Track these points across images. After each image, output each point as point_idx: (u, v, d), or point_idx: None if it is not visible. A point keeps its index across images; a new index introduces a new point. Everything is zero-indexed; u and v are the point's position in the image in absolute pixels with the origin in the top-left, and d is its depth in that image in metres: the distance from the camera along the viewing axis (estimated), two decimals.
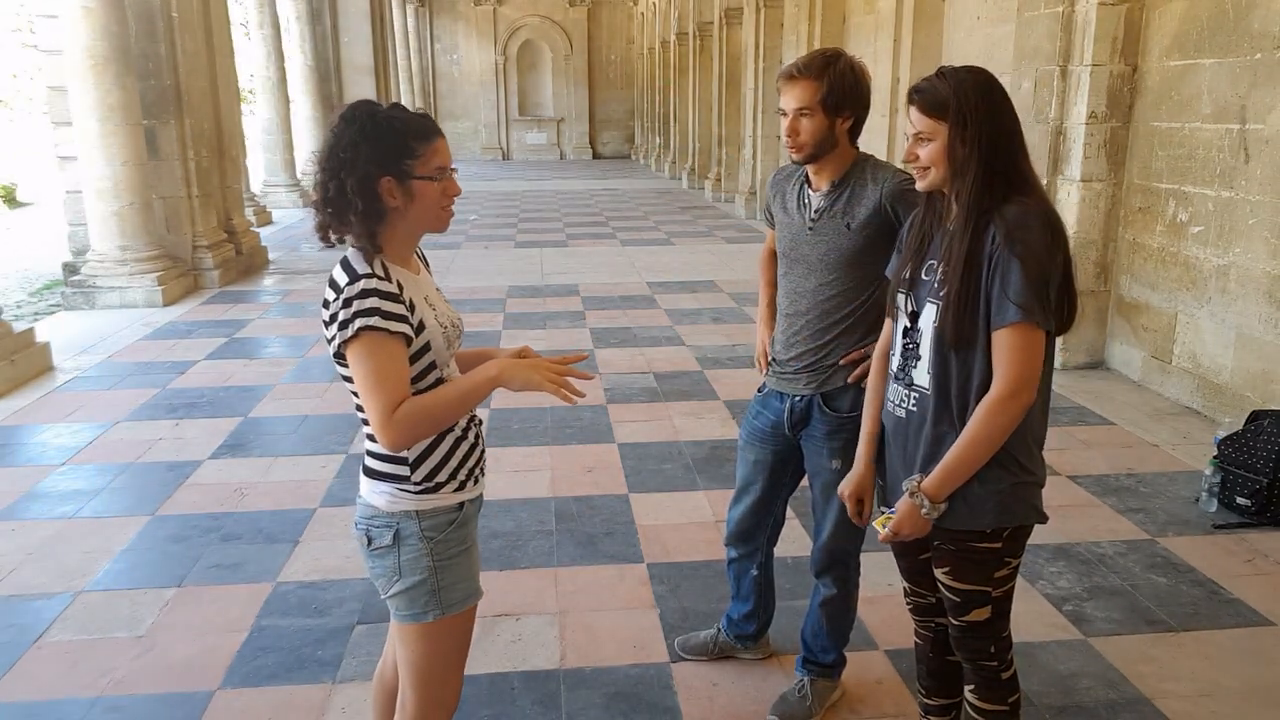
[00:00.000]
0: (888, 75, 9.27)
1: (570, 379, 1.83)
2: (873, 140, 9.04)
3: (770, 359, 2.68)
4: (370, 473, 1.92)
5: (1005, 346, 1.84)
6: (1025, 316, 1.81)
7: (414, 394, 1.84)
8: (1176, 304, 5.62)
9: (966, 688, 2.19)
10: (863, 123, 2.42)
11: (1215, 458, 4.20)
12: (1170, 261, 5.66)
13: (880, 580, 3.42)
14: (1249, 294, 5.04)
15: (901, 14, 9.17)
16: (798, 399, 2.56)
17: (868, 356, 2.47)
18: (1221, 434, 4.35)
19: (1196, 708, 2.78)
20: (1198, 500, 4.19)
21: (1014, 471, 1.96)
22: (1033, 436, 1.99)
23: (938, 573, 2.09)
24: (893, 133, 9.34)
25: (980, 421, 1.88)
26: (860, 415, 2.50)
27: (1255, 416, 4.29)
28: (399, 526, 1.88)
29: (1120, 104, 5.90)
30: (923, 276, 2.00)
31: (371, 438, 1.90)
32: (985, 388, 1.89)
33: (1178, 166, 5.55)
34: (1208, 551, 3.76)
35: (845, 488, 2.22)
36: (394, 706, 2.11)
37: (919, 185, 1.99)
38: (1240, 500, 4.06)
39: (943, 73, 1.92)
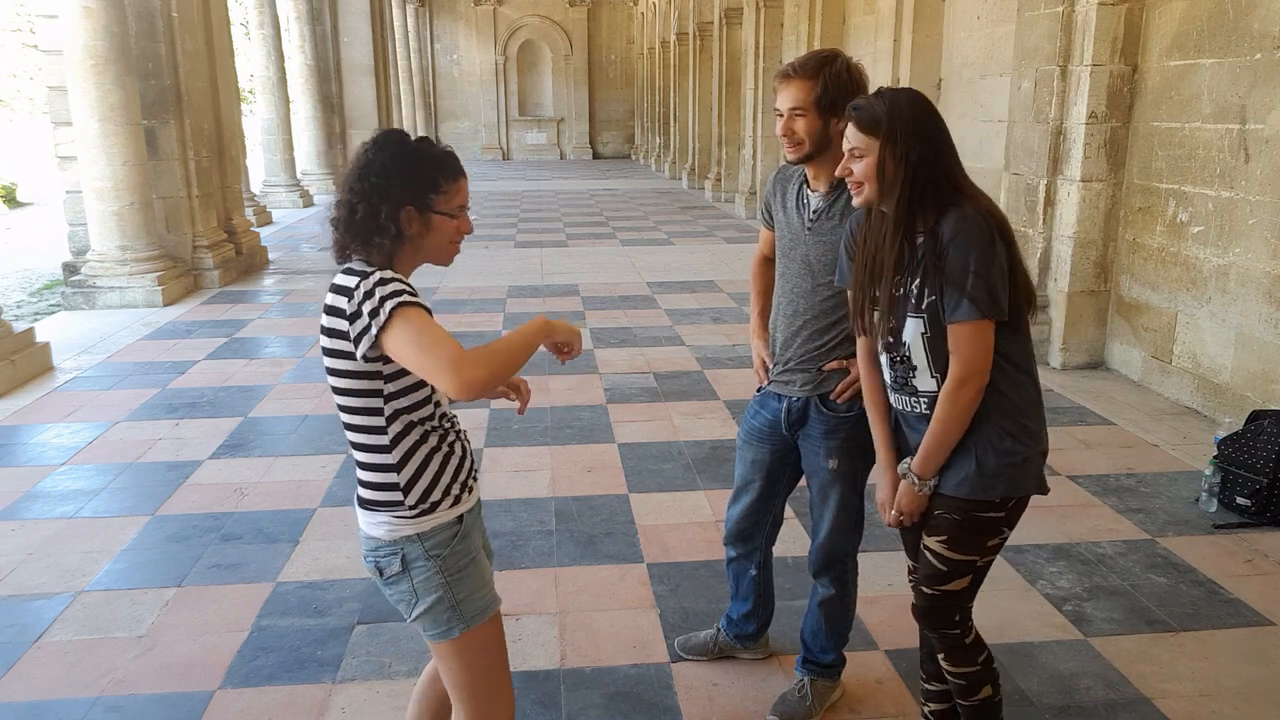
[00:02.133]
0: (888, 75, 9.27)
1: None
2: None
3: (771, 361, 2.68)
4: (364, 504, 1.92)
5: (957, 338, 1.98)
6: (975, 312, 1.94)
7: (410, 403, 1.86)
8: (1176, 304, 5.62)
9: (938, 656, 2.27)
10: None
11: (1215, 458, 4.20)
12: (1170, 261, 5.66)
13: (880, 580, 3.43)
14: (1249, 294, 5.04)
15: (901, 14, 9.17)
16: (795, 399, 2.56)
17: (848, 371, 2.47)
18: (1221, 434, 4.35)
19: (1196, 708, 2.78)
20: (1198, 500, 4.19)
21: (1026, 443, 2.07)
22: (1037, 409, 2.11)
23: (931, 541, 2.15)
24: None
25: (941, 408, 2.03)
26: (857, 415, 2.50)
27: (1255, 416, 4.29)
28: (404, 552, 1.89)
29: (1120, 104, 5.90)
30: (894, 292, 2.08)
31: (364, 466, 1.90)
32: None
33: (1178, 166, 5.55)
34: (1208, 551, 3.76)
35: (880, 496, 2.26)
36: (431, 711, 2.14)
37: (855, 201, 2.09)
38: (1240, 500, 4.06)
39: (880, 92, 2.03)
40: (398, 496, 1.88)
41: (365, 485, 1.91)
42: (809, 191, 2.49)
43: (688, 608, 3.34)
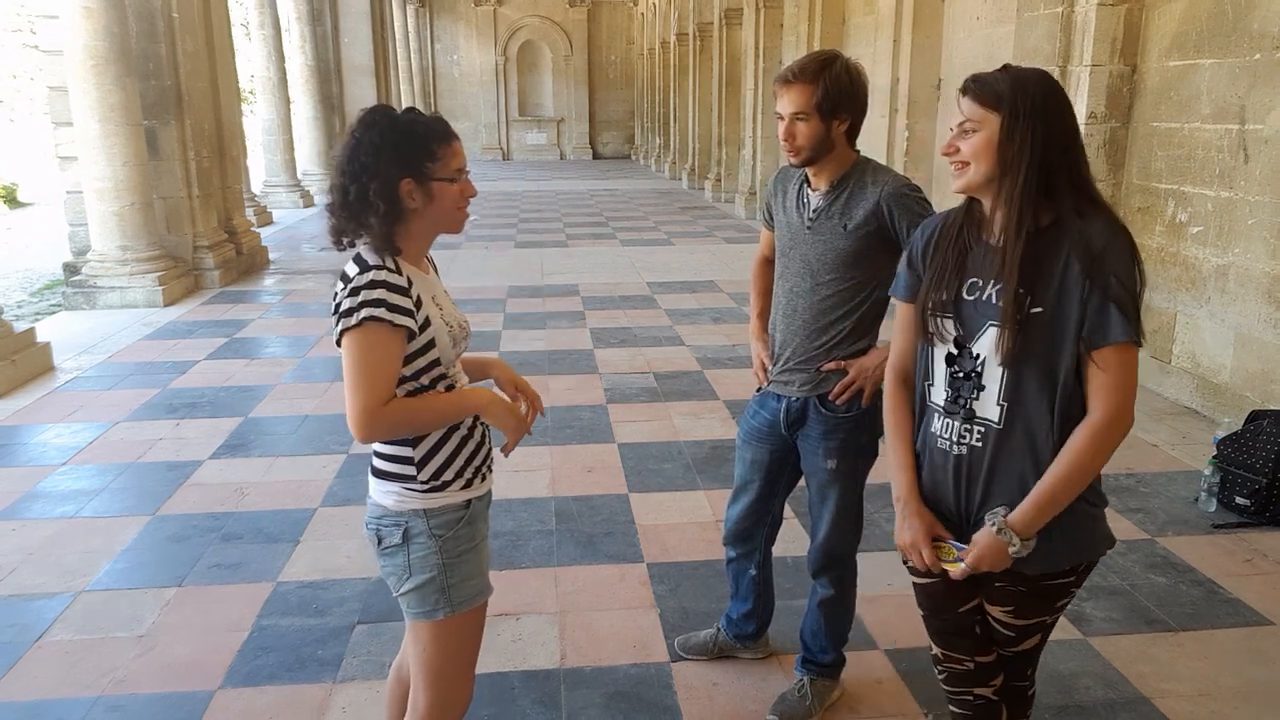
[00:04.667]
0: (887, 76, 9.27)
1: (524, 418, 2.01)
2: (872, 141, 9.04)
3: (770, 362, 2.68)
4: (378, 473, 1.94)
5: (1110, 367, 1.69)
6: (1130, 335, 1.68)
7: (414, 389, 1.88)
8: (1176, 304, 5.62)
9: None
10: (860, 125, 2.43)
11: (1214, 458, 4.21)
12: (1170, 262, 5.66)
13: (880, 580, 3.43)
14: (1248, 294, 5.05)
15: (901, 14, 9.17)
16: (794, 399, 2.56)
17: (846, 371, 2.47)
18: (1221, 434, 4.36)
19: (1196, 707, 2.79)
20: (1197, 500, 4.19)
21: (1094, 503, 1.84)
22: None
23: (996, 611, 1.94)
24: (892, 134, 9.34)
25: (1082, 451, 1.71)
26: (856, 415, 2.50)
27: (1254, 416, 4.29)
28: (408, 525, 1.90)
29: (1120, 104, 5.91)
30: (965, 296, 1.81)
31: None
32: (1065, 415, 1.74)
33: (1177, 167, 5.55)
34: (1207, 551, 3.76)
35: (906, 539, 1.88)
36: (403, 705, 2.12)
37: (955, 185, 1.82)
38: (1239, 500, 4.07)
39: (1006, 67, 1.79)
40: (410, 470, 1.90)
41: (380, 456, 1.93)
42: (809, 191, 2.50)
43: (688, 607, 3.35)
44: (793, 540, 3.65)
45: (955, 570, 1.83)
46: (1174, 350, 5.65)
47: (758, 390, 2.73)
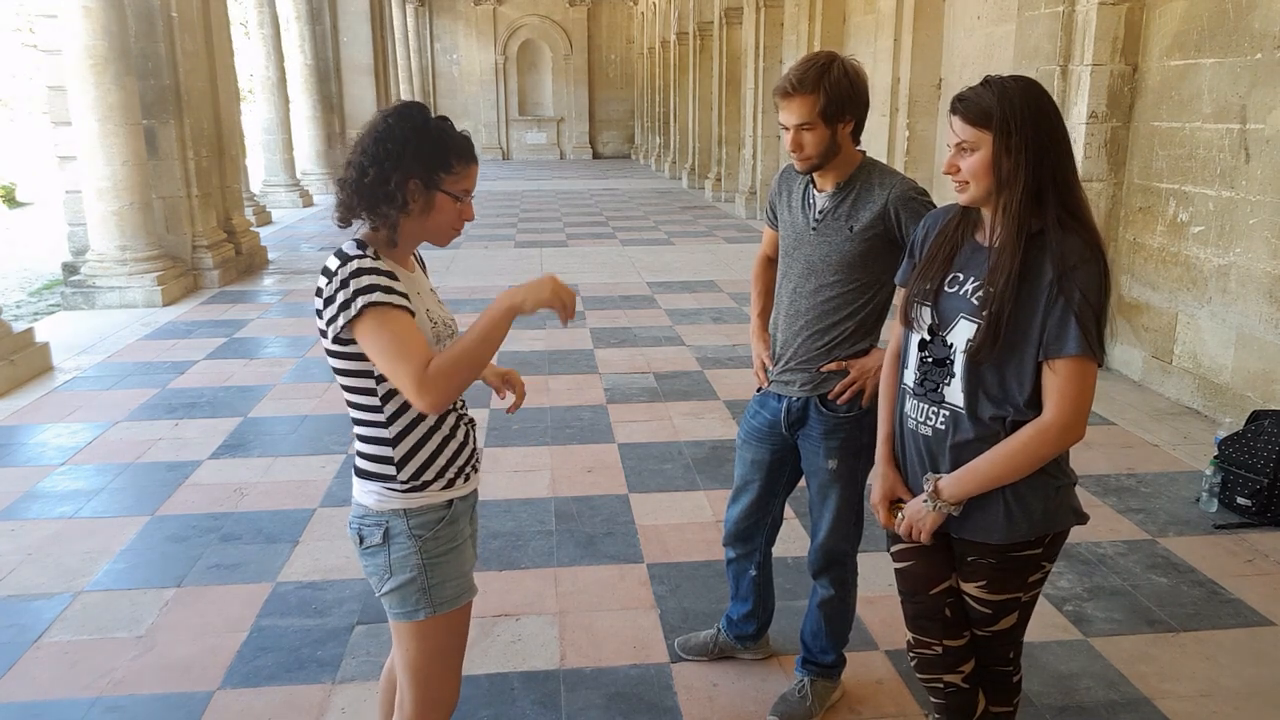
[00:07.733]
0: (888, 75, 9.27)
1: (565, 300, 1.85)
2: (872, 141, 9.03)
3: (771, 363, 2.67)
4: (360, 473, 1.94)
5: (1064, 378, 1.78)
6: (1085, 350, 1.76)
7: None
8: (1177, 304, 5.61)
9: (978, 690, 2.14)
10: (863, 122, 2.42)
11: (1216, 458, 4.20)
12: (1171, 261, 5.66)
13: (880, 581, 3.42)
14: (1249, 294, 5.04)
15: (902, 14, 9.17)
16: (795, 399, 2.55)
17: (847, 371, 2.47)
18: (1222, 434, 4.35)
19: (1196, 708, 2.78)
20: (1198, 500, 4.19)
21: (1055, 476, 1.91)
22: None
23: (969, 587, 2.01)
24: (892, 133, 9.33)
25: (1025, 444, 1.82)
26: (856, 415, 2.50)
27: (1256, 416, 4.29)
28: (388, 524, 1.90)
29: (1121, 104, 5.90)
30: (946, 289, 1.90)
31: (362, 438, 1.91)
32: (1025, 408, 1.83)
33: (1178, 166, 5.55)
34: (1208, 552, 3.76)
35: (875, 496, 2.10)
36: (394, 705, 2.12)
37: (960, 200, 1.89)
38: (1241, 500, 4.06)
39: (988, 81, 1.82)
40: (391, 470, 1.89)
41: (362, 456, 1.93)
42: (815, 192, 2.49)
43: (688, 608, 3.34)
44: (793, 540, 3.65)
45: (898, 526, 2.03)
46: (1175, 350, 5.65)
47: (758, 390, 2.72)
